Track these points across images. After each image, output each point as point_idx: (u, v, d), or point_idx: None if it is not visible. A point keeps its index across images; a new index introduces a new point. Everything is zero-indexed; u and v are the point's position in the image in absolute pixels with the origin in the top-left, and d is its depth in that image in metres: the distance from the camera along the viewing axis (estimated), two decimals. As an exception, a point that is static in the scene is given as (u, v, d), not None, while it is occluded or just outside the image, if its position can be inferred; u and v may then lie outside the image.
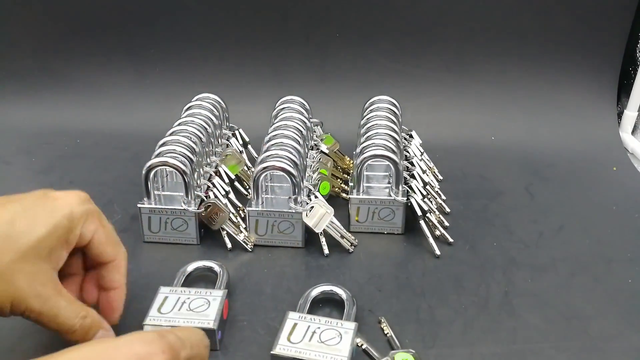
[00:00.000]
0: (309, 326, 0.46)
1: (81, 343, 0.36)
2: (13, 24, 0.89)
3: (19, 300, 0.37)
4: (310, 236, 0.61)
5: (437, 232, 0.61)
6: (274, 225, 0.60)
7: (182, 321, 0.46)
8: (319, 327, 0.46)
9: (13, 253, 0.36)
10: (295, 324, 0.46)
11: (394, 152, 0.61)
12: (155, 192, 0.60)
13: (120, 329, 0.49)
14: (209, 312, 0.47)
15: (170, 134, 0.63)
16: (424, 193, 0.63)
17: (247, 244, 0.60)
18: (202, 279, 0.55)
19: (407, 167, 0.67)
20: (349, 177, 0.71)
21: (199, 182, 0.62)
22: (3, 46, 0.90)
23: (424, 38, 0.86)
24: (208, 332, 0.46)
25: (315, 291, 0.51)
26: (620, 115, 0.88)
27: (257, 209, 0.59)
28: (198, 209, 0.59)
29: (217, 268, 0.55)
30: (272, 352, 0.44)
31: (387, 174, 0.64)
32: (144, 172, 0.59)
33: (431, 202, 0.65)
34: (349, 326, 0.46)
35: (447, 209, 0.67)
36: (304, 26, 0.87)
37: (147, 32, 0.88)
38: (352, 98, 0.81)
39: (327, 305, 0.52)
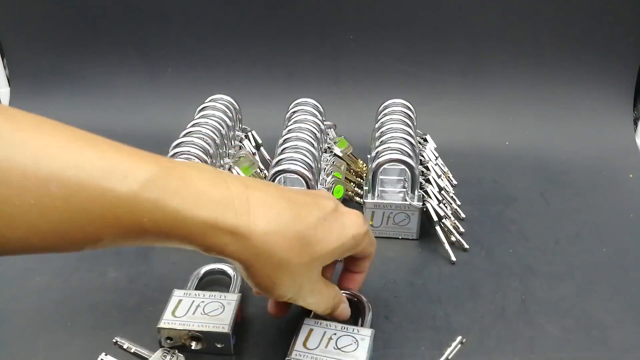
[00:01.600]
0: (325, 332, 0.46)
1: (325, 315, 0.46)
2: (27, 24, 0.89)
3: (298, 294, 0.41)
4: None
5: (453, 238, 0.61)
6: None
7: (196, 325, 0.46)
8: (335, 334, 0.45)
9: (309, 256, 0.39)
10: (311, 330, 0.46)
11: (409, 156, 0.60)
12: (169, 194, 0.59)
13: (133, 330, 0.49)
14: (224, 317, 0.47)
15: (184, 135, 0.63)
16: (440, 198, 0.63)
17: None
18: (216, 282, 0.55)
19: (422, 171, 0.66)
20: (362, 180, 0.71)
21: (212, 184, 0.62)
22: (17, 46, 0.90)
23: (439, 41, 0.86)
24: (222, 336, 0.45)
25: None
26: (636, 121, 0.87)
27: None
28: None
29: (230, 271, 0.54)
30: (287, 358, 0.44)
31: (402, 178, 0.63)
32: (158, 173, 0.58)
33: (446, 207, 0.64)
34: (366, 333, 0.46)
35: (462, 215, 0.66)
36: (318, 28, 0.86)
37: (161, 33, 0.88)
38: (366, 101, 0.80)
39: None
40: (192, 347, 0.47)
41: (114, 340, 0.47)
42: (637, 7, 0.82)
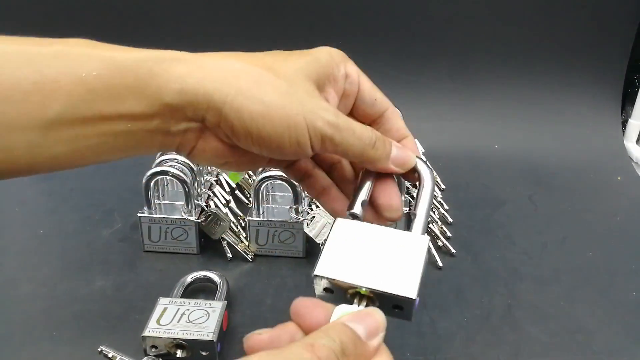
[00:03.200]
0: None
1: (383, 163, 0.34)
2: (15, 30, 0.89)
3: (311, 113, 0.32)
4: (311, 246, 0.60)
5: (440, 243, 0.61)
6: (275, 235, 0.59)
7: (181, 333, 0.46)
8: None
9: (283, 71, 0.33)
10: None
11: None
12: (156, 201, 0.59)
13: (119, 339, 0.49)
14: (209, 324, 0.47)
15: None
16: (426, 203, 0.63)
17: (247, 254, 0.60)
18: (202, 289, 0.55)
19: (409, 176, 0.66)
20: (350, 186, 0.71)
21: (199, 191, 0.62)
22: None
23: (427, 47, 0.86)
24: (207, 344, 0.45)
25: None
26: (624, 123, 0.87)
27: (257, 219, 0.59)
28: (198, 219, 0.59)
29: (216, 278, 0.54)
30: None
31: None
32: (144, 181, 0.58)
33: (434, 212, 0.64)
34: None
35: (450, 219, 0.66)
36: (305, 34, 0.87)
37: (151, 38, 0.88)
38: (355, 106, 0.80)
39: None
40: (178, 356, 0.47)
41: (99, 350, 0.47)
42: (624, 13, 0.83)
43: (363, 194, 0.35)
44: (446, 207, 0.69)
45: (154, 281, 0.57)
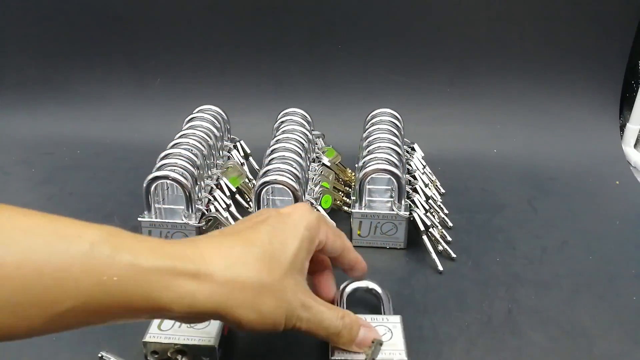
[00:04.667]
0: None
1: (348, 345, 0.43)
2: (14, 34, 0.89)
3: (291, 312, 0.39)
4: (311, 250, 0.60)
5: (440, 247, 0.61)
6: (276, 239, 0.59)
7: (182, 338, 0.46)
8: None
9: (279, 269, 0.39)
10: None
11: (396, 166, 0.61)
12: (156, 205, 0.59)
13: (119, 344, 0.48)
14: (210, 330, 0.47)
15: (172, 147, 0.63)
16: (427, 207, 0.63)
17: (248, 258, 0.59)
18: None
19: (410, 180, 0.66)
20: (350, 189, 0.71)
21: (199, 195, 0.62)
22: (4, 56, 0.90)
23: (426, 50, 0.87)
24: (208, 349, 0.45)
25: (350, 287, 0.52)
26: (622, 128, 0.88)
27: (258, 223, 0.59)
28: (199, 223, 0.59)
29: None
30: (331, 358, 0.43)
31: (389, 187, 0.64)
32: (145, 185, 0.58)
33: (434, 216, 0.64)
34: (395, 320, 0.47)
35: (450, 223, 0.67)
36: (306, 38, 0.87)
37: (149, 43, 0.88)
38: (354, 110, 0.81)
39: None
40: None
41: (100, 355, 0.46)
42: (622, 18, 0.83)
43: None
44: (446, 211, 0.69)
45: (154, 286, 0.57)
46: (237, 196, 0.68)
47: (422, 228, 0.60)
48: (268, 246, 0.39)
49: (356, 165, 0.68)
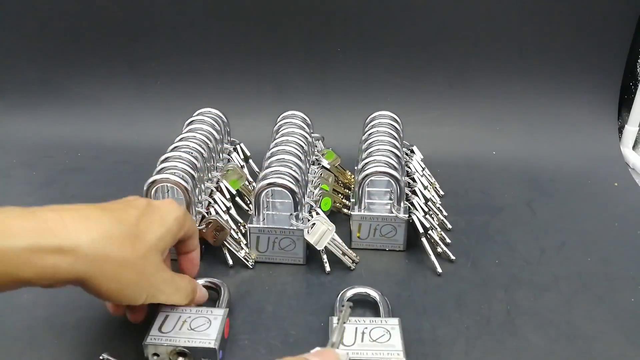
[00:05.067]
0: (356, 328, 0.47)
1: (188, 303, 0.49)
2: (15, 37, 0.89)
3: (152, 286, 0.43)
4: (311, 253, 0.61)
5: (439, 249, 0.61)
6: (275, 242, 0.59)
7: (182, 340, 0.46)
8: (366, 327, 0.47)
9: (143, 248, 0.42)
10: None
11: (395, 168, 0.61)
12: (157, 208, 0.60)
13: (120, 347, 0.49)
14: (210, 332, 0.47)
15: (172, 150, 0.63)
16: (426, 210, 0.63)
17: (248, 261, 0.60)
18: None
19: (409, 183, 0.66)
20: (350, 192, 0.71)
21: (199, 198, 0.62)
22: (4, 59, 0.90)
23: (425, 53, 0.87)
24: (209, 352, 0.45)
25: (349, 293, 0.54)
26: (621, 130, 0.88)
27: (258, 225, 0.59)
28: (199, 226, 0.59)
29: (218, 285, 0.54)
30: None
31: (389, 190, 0.64)
32: (145, 188, 0.58)
33: (433, 218, 0.64)
34: (393, 322, 0.48)
35: (449, 226, 0.67)
36: (305, 41, 0.87)
37: (149, 46, 0.89)
38: (354, 113, 0.81)
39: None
40: None
41: (101, 357, 0.47)
42: (620, 20, 0.83)
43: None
44: (445, 213, 0.69)
45: (155, 288, 0.57)
46: (237, 199, 0.68)
47: (421, 230, 0.60)
48: (134, 227, 0.42)
49: (355, 168, 0.69)
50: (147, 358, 0.47)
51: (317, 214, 0.60)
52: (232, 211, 0.65)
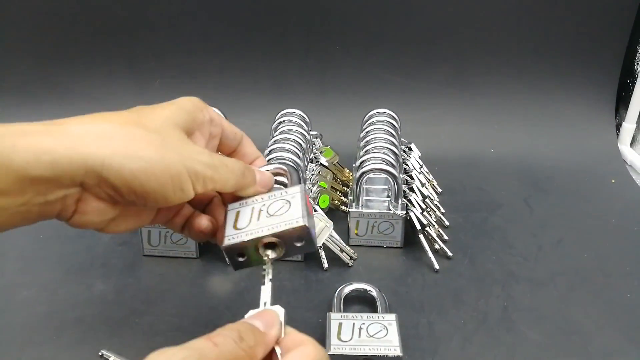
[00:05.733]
0: (353, 323, 0.47)
1: (253, 188, 0.40)
2: (14, 36, 0.89)
3: (185, 158, 0.34)
4: (309, 250, 0.61)
5: (437, 246, 0.62)
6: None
7: (266, 229, 0.37)
8: (363, 323, 0.47)
9: (152, 123, 0.35)
10: (341, 324, 0.47)
11: (393, 165, 0.61)
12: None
13: (119, 342, 0.49)
14: (293, 212, 0.38)
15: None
16: (423, 206, 0.64)
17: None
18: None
19: (407, 180, 0.67)
20: (348, 189, 0.71)
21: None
22: (4, 58, 0.91)
23: (423, 51, 0.87)
24: (301, 232, 0.37)
25: (347, 289, 0.54)
26: (618, 127, 0.88)
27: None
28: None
29: (283, 170, 0.48)
30: (328, 353, 0.43)
31: (387, 187, 0.64)
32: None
33: (430, 215, 0.65)
34: (390, 318, 0.48)
35: (446, 222, 0.67)
36: (304, 39, 0.87)
37: (148, 44, 0.89)
38: (352, 110, 0.81)
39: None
40: (270, 256, 0.37)
41: (100, 353, 0.47)
42: (618, 18, 0.84)
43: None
44: (443, 210, 0.69)
45: (154, 285, 0.57)
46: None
47: (418, 227, 0.60)
48: (134, 112, 0.36)
49: (353, 165, 0.69)
50: (230, 263, 0.39)
51: (315, 211, 0.61)
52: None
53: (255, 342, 0.30)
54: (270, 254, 0.38)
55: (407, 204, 0.62)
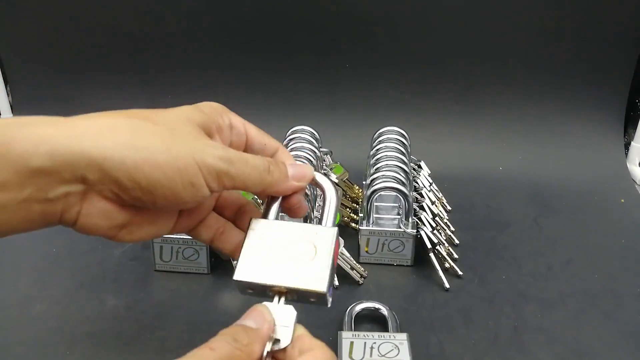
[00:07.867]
0: (365, 342, 0.48)
1: (284, 183, 0.36)
2: (29, 52, 0.91)
3: (198, 151, 0.32)
4: (319, 267, 0.61)
5: (447, 265, 0.62)
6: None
7: (282, 278, 0.34)
8: (374, 342, 0.48)
9: (162, 120, 0.32)
10: (352, 342, 0.48)
11: (403, 184, 0.62)
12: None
13: (131, 358, 0.49)
14: (318, 268, 0.34)
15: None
16: (433, 225, 0.64)
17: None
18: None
19: (417, 198, 0.67)
20: (358, 206, 0.72)
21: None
22: (20, 73, 0.92)
23: (432, 69, 0.88)
24: (318, 295, 0.35)
25: (358, 308, 0.54)
26: (627, 146, 0.89)
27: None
28: (209, 239, 0.60)
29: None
30: None
31: (397, 204, 0.65)
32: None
33: (440, 233, 0.65)
34: (401, 337, 0.48)
35: (456, 241, 0.67)
36: (314, 56, 0.88)
37: (160, 60, 0.90)
38: (362, 127, 0.82)
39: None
40: (278, 303, 0.35)
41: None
42: (626, 37, 0.84)
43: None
44: (452, 228, 0.69)
45: (165, 301, 0.58)
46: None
47: (429, 245, 0.61)
48: (145, 112, 0.33)
49: (363, 182, 0.69)
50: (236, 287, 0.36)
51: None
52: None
53: (250, 340, 0.31)
54: (280, 299, 0.35)
55: (417, 222, 0.63)
